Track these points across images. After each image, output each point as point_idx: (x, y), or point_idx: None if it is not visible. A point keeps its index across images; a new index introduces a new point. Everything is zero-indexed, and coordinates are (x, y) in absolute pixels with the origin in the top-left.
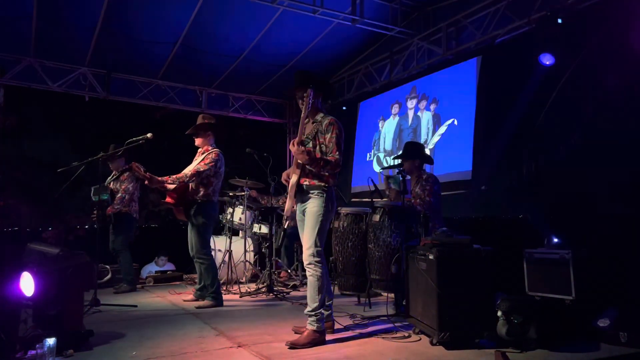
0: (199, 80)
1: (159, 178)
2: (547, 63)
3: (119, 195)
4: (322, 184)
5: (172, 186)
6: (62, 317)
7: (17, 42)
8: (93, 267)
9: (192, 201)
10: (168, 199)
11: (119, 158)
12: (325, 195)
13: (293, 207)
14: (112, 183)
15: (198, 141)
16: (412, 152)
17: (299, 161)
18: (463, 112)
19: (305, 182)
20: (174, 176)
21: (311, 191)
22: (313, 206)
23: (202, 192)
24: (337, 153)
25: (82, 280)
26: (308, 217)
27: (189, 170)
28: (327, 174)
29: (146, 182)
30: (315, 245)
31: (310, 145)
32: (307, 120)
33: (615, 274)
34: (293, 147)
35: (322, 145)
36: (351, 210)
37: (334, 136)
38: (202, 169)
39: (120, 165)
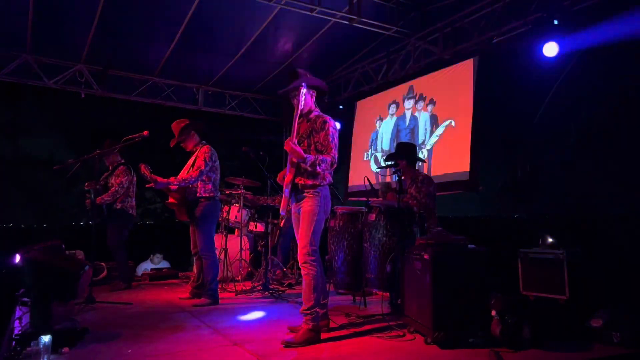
0: (195, 78)
1: (164, 180)
2: (551, 55)
3: (112, 188)
4: (317, 183)
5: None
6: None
7: (13, 38)
8: (90, 273)
9: (196, 199)
10: (171, 199)
11: (115, 154)
12: (320, 194)
13: (288, 206)
14: (109, 179)
15: (188, 146)
16: (399, 152)
17: (294, 160)
18: (460, 112)
19: (300, 181)
20: (180, 177)
21: (306, 190)
22: (308, 205)
23: (204, 189)
24: (333, 151)
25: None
26: (303, 217)
27: (185, 171)
28: (322, 172)
29: (152, 184)
30: (311, 244)
31: (305, 143)
32: (301, 119)
33: (609, 274)
34: (288, 146)
35: (317, 144)
36: (347, 210)
37: (329, 134)
38: (203, 167)
39: (115, 160)
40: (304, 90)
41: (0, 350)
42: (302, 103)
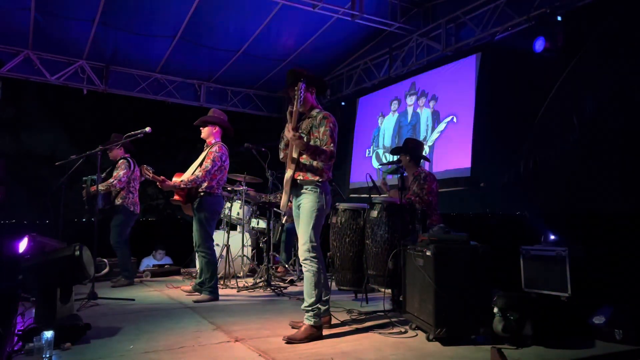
0: (197, 74)
1: (172, 183)
2: (540, 49)
3: (108, 180)
4: (316, 178)
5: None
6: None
7: (15, 34)
8: (76, 259)
9: (196, 194)
10: (177, 197)
11: (118, 149)
12: (319, 190)
13: (289, 202)
14: (113, 173)
15: (204, 133)
16: (405, 148)
17: (294, 147)
18: (462, 109)
19: (299, 176)
20: (186, 179)
21: (305, 186)
22: (307, 202)
23: (205, 185)
24: (332, 145)
25: (73, 272)
26: (302, 213)
27: (194, 169)
28: (321, 167)
29: (158, 184)
30: (311, 241)
31: (305, 140)
32: (302, 116)
33: (611, 271)
34: (289, 133)
35: (317, 140)
36: (349, 206)
37: (328, 129)
38: (209, 166)
39: (118, 154)
40: (302, 87)
41: (3, 345)
42: (302, 100)
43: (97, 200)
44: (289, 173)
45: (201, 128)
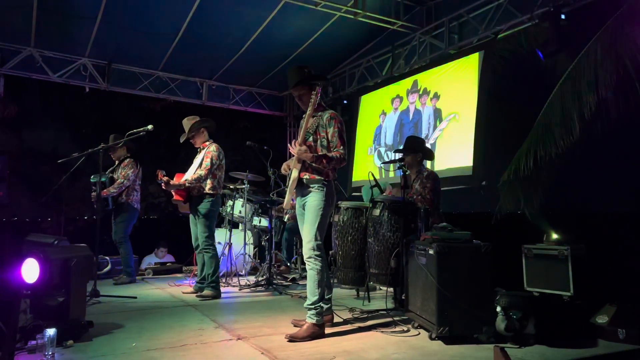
0: (199, 72)
1: (176, 183)
2: (543, 58)
3: (118, 180)
4: (322, 177)
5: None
6: (64, 307)
7: (17, 32)
8: (93, 259)
9: (200, 195)
10: (177, 197)
11: (120, 148)
12: (325, 189)
13: (292, 200)
14: (115, 172)
15: (197, 142)
16: (413, 145)
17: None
18: (464, 107)
19: (305, 175)
20: (190, 178)
21: (311, 185)
22: (313, 200)
23: (208, 186)
24: (342, 147)
25: (85, 271)
26: (308, 212)
27: (193, 170)
28: (330, 168)
29: (163, 185)
30: (315, 239)
31: (311, 139)
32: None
33: (613, 270)
34: (294, 149)
35: (323, 140)
36: (351, 205)
37: (337, 130)
38: (209, 165)
39: (122, 154)
40: (319, 90)
41: (5, 343)
42: (315, 105)
43: (108, 201)
44: (294, 172)
45: (191, 140)
